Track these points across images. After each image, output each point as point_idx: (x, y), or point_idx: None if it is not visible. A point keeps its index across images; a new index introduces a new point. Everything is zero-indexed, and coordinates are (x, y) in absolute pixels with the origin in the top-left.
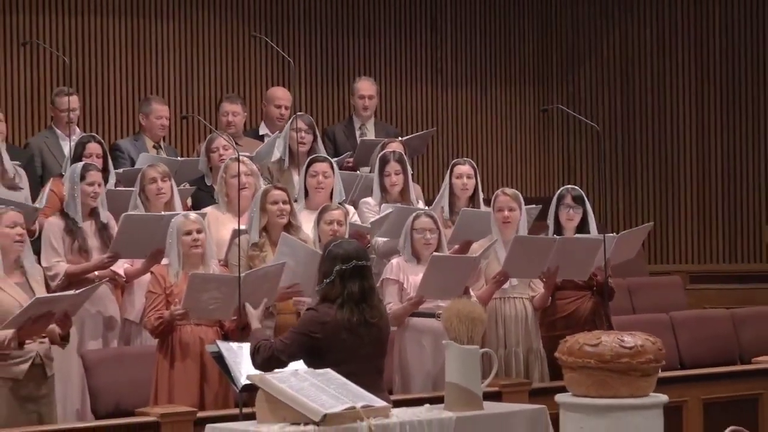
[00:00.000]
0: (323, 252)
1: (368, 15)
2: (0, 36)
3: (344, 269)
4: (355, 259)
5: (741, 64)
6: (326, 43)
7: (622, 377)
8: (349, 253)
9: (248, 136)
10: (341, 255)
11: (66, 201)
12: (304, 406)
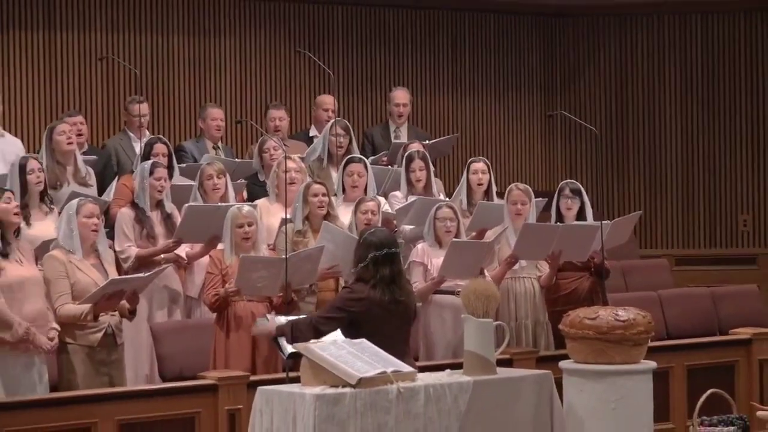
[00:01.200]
0: (359, 239)
1: (399, 33)
2: (81, 52)
3: (377, 256)
4: (387, 247)
5: (719, 76)
6: (361, 58)
7: (617, 346)
8: (382, 242)
9: (299, 138)
10: (375, 243)
11: (136, 194)
12: (342, 371)
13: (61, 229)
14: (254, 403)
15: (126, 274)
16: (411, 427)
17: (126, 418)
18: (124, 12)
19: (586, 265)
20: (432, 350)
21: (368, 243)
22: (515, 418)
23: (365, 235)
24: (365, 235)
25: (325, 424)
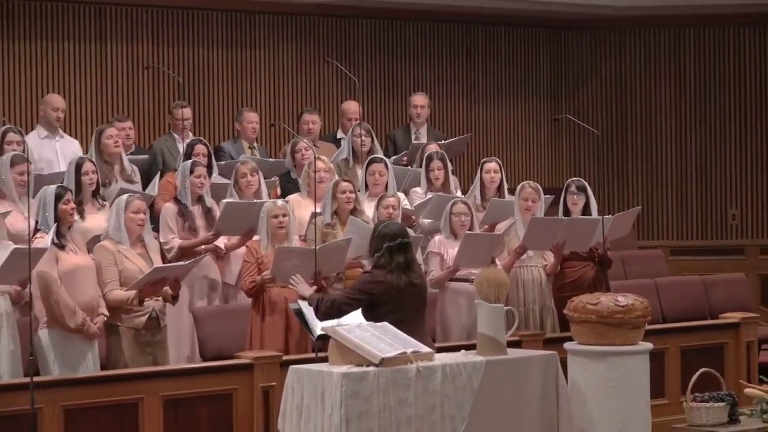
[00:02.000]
0: (373, 231)
1: (418, 44)
2: (129, 62)
3: (392, 245)
4: (400, 237)
5: (710, 84)
6: (384, 66)
7: (617, 329)
8: (395, 233)
9: (327, 140)
10: (389, 234)
11: (179, 190)
12: (366, 351)
13: (111, 222)
14: (286, 381)
15: (169, 263)
16: (429, 403)
17: (169, 395)
18: (168, 26)
19: (591, 255)
20: (448, 333)
21: (383, 235)
22: (524, 394)
23: (379, 228)
24: (379, 228)
25: (350, 400)
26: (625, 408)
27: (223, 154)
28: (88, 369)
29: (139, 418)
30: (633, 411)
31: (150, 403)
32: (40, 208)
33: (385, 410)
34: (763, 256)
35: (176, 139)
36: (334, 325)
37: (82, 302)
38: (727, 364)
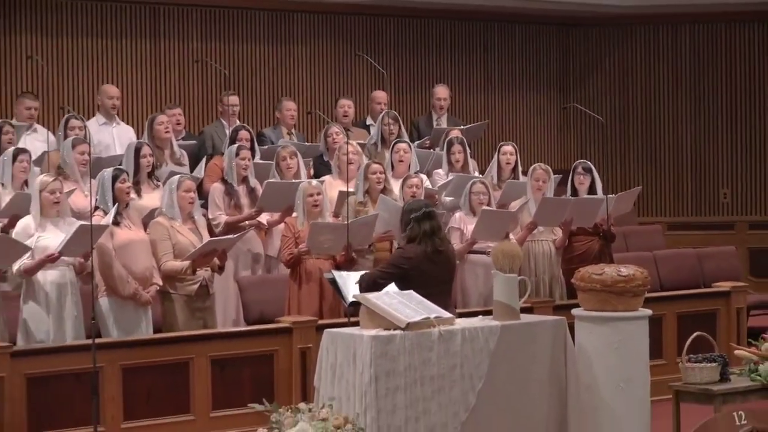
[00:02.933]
0: (402, 212)
1: (440, 40)
2: (180, 56)
3: (418, 215)
4: (423, 208)
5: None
6: (409, 60)
7: (619, 297)
8: (419, 205)
9: (358, 126)
10: (414, 207)
11: (226, 171)
12: (394, 316)
13: (164, 200)
14: (321, 343)
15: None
16: (450, 363)
17: (217, 355)
18: (216, 23)
19: (596, 230)
20: (467, 300)
21: (408, 209)
22: (535, 355)
23: (404, 206)
24: (404, 206)
25: (379, 360)
26: (626, 368)
27: (264, 139)
28: (142, 333)
29: (190, 377)
30: (634, 370)
31: (199, 363)
32: (99, 188)
33: (410, 369)
34: (752, 231)
35: (225, 126)
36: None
37: (135, 272)
38: (719, 329)
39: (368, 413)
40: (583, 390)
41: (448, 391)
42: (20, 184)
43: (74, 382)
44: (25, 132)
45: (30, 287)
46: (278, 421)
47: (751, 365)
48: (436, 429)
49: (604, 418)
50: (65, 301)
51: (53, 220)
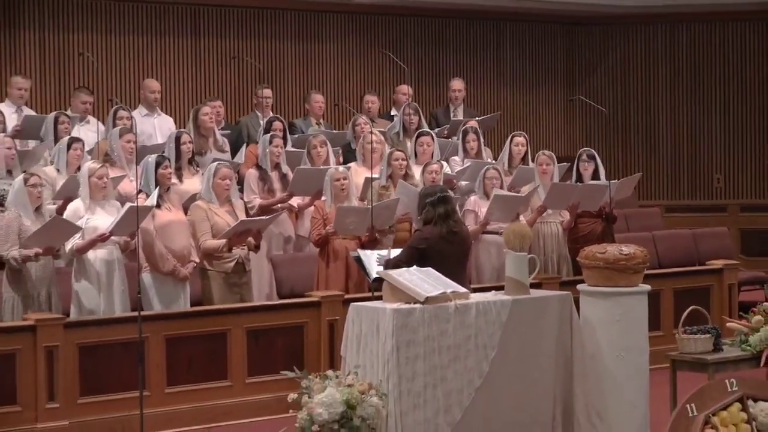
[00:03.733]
0: (419, 197)
1: (457, 38)
2: (218, 53)
3: (433, 200)
4: (438, 192)
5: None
6: (428, 56)
7: (621, 273)
8: (435, 190)
9: (384, 117)
10: (429, 192)
11: (260, 158)
12: (413, 291)
13: (203, 185)
14: (348, 315)
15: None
16: (465, 334)
17: (252, 326)
18: (251, 23)
19: (599, 213)
20: (481, 276)
21: (424, 194)
22: (544, 326)
23: (421, 191)
24: (421, 191)
25: (400, 331)
26: (627, 338)
27: (295, 129)
28: (180, 306)
29: (227, 346)
30: (634, 341)
31: (236, 334)
32: (144, 174)
33: (428, 339)
34: (743, 213)
35: (259, 117)
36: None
37: (174, 251)
38: (712, 303)
39: (390, 380)
40: (588, 359)
41: (463, 359)
42: (74, 170)
43: (122, 350)
44: (79, 123)
45: (81, 264)
46: (308, 387)
47: (741, 336)
48: (452, 394)
49: (606, 385)
50: (113, 277)
51: (100, 203)
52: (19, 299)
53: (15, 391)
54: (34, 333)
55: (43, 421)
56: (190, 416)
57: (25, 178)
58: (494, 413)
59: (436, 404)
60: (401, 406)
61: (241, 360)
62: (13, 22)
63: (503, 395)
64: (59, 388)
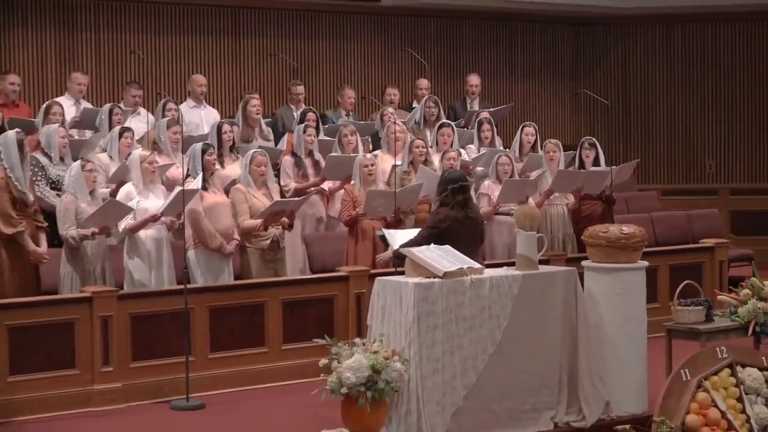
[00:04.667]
0: (440, 177)
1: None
2: (256, 51)
3: (455, 187)
4: (460, 181)
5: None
6: (447, 53)
7: (621, 251)
8: (457, 178)
9: (406, 109)
10: (452, 178)
11: (295, 146)
12: (433, 266)
13: (243, 171)
14: (373, 289)
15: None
16: (479, 305)
17: (287, 298)
18: (287, 23)
19: (601, 196)
20: (494, 253)
21: (447, 179)
22: (551, 299)
23: (444, 174)
24: (444, 174)
25: (421, 303)
26: (626, 310)
27: (327, 120)
28: (225, 279)
29: (264, 316)
30: (632, 312)
31: (272, 305)
32: (190, 160)
33: (446, 310)
34: (732, 196)
35: (292, 109)
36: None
37: (220, 229)
38: (705, 278)
39: (412, 347)
40: (591, 328)
41: (478, 328)
42: (125, 156)
43: (169, 320)
44: (131, 114)
45: (133, 242)
46: (337, 353)
47: (731, 308)
48: (467, 360)
49: (608, 351)
50: (162, 253)
51: (149, 187)
52: (76, 274)
53: (74, 356)
54: (90, 304)
55: (99, 383)
56: (230, 379)
57: (81, 164)
58: (506, 377)
59: (453, 369)
60: (422, 371)
61: (277, 329)
62: (72, 24)
63: (514, 361)
64: (113, 353)
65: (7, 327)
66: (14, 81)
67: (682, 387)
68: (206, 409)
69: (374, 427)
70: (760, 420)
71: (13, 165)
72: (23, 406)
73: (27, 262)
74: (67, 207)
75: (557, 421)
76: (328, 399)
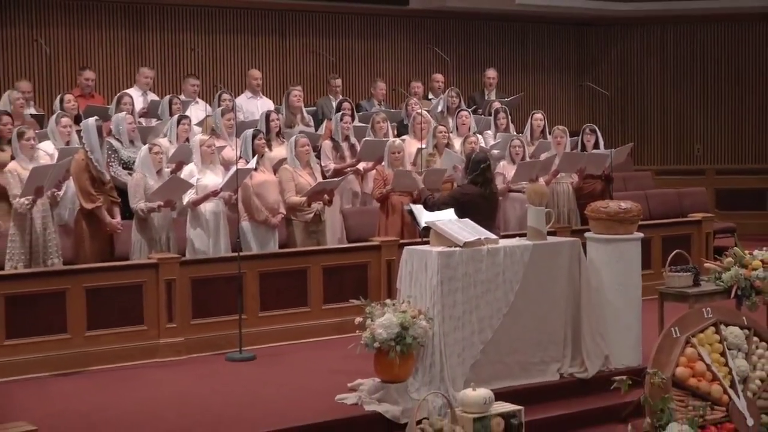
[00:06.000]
0: (470, 158)
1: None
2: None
3: (485, 165)
4: (486, 161)
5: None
6: (467, 50)
7: (620, 224)
8: (485, 158)
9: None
10: (482, 158)
11: (333, 132)
12: (454, 237)
13: (289, 153)
14: (402, 257)
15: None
16: (495, 271)
17: (327, 264)
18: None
19: (601, 175)
20: (508, 225)
21: (477, 160)
22: (557, 266)
23: (474, 155)
24: (474, 155)
25: (444, 269)
26: (624, 275)
27: (361, 108)
28: (271, 248)
29: (307, 280)
30: (629, 277)
31: (314, 270)
32: (243, 144)
33: (466, 275)
34: (717, 176)
35: (331, 99)
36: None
37: (267, 204)
38: (693, 248)
39: (435, 307)
40: (592, 291)
41: (493, 291)
42: (182, 141)
43: (225, 283)
44: (191, 104)
45: (195, 215)
46: (371, 312)
47: (716, 274)
48: (484, 319)
49: (607, 311)
50: (219, 225)
51: (208, 167)
52: (144, 242)
53: (142, 314)
54: (156, 269)
55: (164, 338)
56: (277, 335)
57: (149, 147)
58: (518, 334)
59: (472, 326)
60: (444, 328)
61: (318, 291)
62: (140, 25)
63: (525, 320)
64: (176, 312)
65: (85, 288)
66: (89, 77)
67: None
68: (256, 360)
69: (403, 376)
70: (740, 372)
71: (93, 148)
72: (99, 357)
73: (104, 233)
74: (137, 184)
75: (562, 372)
76: (362, 352)
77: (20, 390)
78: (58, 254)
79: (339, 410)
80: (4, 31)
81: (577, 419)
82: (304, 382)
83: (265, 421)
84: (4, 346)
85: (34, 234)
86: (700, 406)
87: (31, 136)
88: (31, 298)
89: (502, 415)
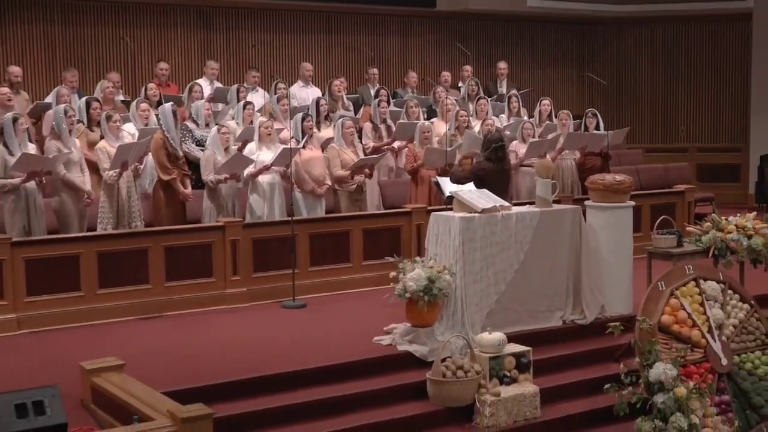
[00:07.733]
0: (486, 138)
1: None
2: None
3: (498, 146)
4: (500, 141)
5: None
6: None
7: (614, 194)
8: (499, 138)
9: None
10: (496, 138)
11: (372, 116)
12: (474, 205)
13: (336, 133)
14: (430, 221)
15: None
16: (508, 233)
17: (367, 227)
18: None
19: (600, 153)
20: (519, 195)
21: (491, 139)
22: (562, 229)
23: (489, 135)
24: (489, 135)
25: (465, 231)
26: (618, 237)
27: (396, 95)
28: (318, 214)
29: (349, 240)
30: (622, 239)
31: (356, 233)
32: (294, 125)
33: (483, 237)
34: (698, 153)
35: (369, 88)
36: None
37: (314, 176)
38: (677, 214)
39: (458, 264)
40: (591, 251)
41: (506, 251)
42: (248, 123)
43: (279, 243)
44: (251, 91)
45: (254, 185)
46: (403, 268)
47: (696, 237)
48: (498, 274)
49: (603, 269)
50: (274, 194)
51: (267, 145)
52: (214, 208)
53: (211, 268)
54: (223, 231)
55: (229, 288)
56: (324, 286)
57: (218, 128)
58: (527, 286)
59: (488, 280)
60: (465, 281)
61: (359, 249)
62: (209, 24)
63: (533, 275)
64: (240, 266)
65: (163, 247)
66: (163, 67)
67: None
68: (307, 308)
69: (430, 321)
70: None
71: (169, 128)
72: (175, 304)
73: (178, 200)
74: (207, 159)
75: (565, 319)
76: (396, 301)
77: (111, 331)
78: (141, 218)
79: (376, 350)
80: (97, 30)
81: (577, 359)
82: (346, 326)
83: (314, 358)
84: (97, 295)
85: (120, 201)
86: (681, 348)
87: (117, 119)
88: (118, 254)
89: (514, 354)
